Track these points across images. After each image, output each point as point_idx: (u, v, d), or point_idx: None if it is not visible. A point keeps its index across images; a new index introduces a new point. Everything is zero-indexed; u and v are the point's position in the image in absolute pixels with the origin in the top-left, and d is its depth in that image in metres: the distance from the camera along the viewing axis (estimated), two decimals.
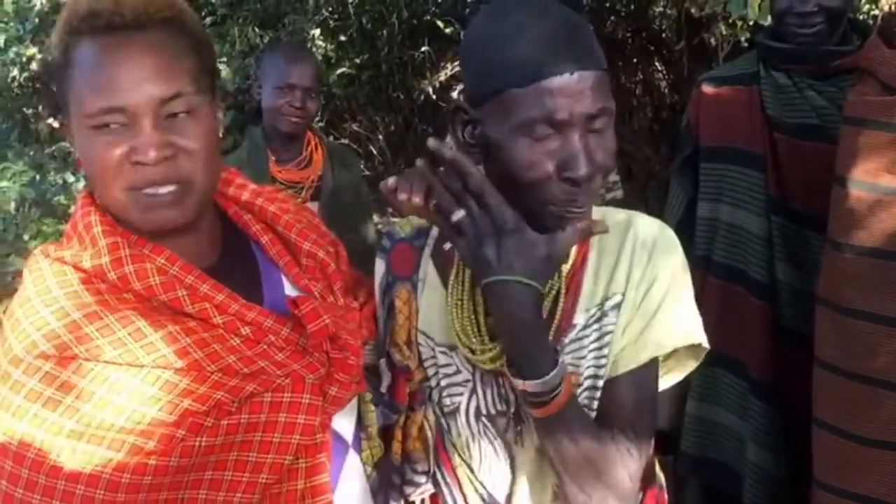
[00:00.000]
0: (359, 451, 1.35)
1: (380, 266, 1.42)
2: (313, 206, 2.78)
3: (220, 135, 1.24)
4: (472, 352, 1.25)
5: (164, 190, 1.11)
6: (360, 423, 1.36)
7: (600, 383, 1.25)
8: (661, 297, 1.25)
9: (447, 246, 1.29)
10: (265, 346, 1.18)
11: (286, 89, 2.75)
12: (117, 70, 1.08)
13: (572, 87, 1.13)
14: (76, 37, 1.10)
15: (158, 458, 1.07)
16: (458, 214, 1.13)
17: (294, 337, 1.20)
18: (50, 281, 1.13)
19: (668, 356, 1.30)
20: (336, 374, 1.23)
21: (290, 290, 1.30)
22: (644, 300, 1.25)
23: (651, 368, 1.27)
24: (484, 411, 1.30)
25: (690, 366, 1.35)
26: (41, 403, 1.05)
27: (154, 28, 1.11)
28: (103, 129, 1.09)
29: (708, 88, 2.48)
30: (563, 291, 1.26)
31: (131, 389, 1.08)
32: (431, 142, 1.14)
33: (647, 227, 1.30)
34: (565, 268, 1.27)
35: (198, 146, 1.13)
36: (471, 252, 1.15)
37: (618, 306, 1.25)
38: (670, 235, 1.30)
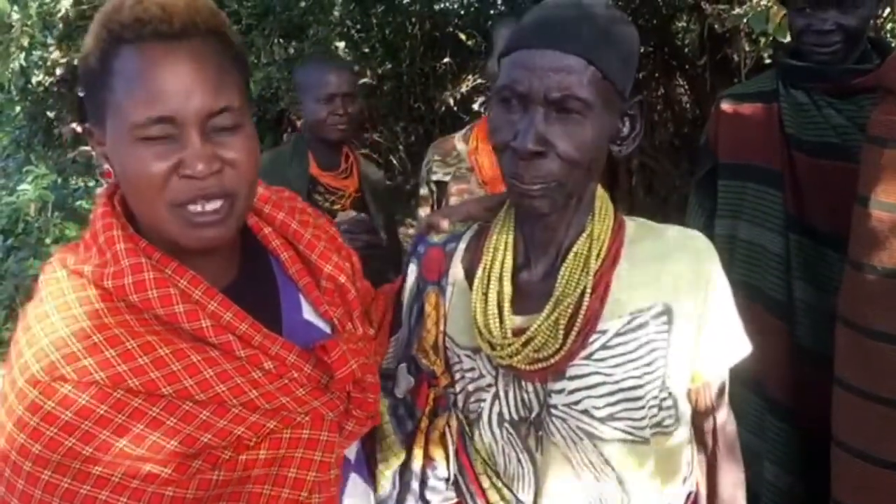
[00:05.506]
0: (360, 471, 1.34)
1: (412, 271, 1.41)
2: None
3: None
4: (493, 347, 1.24)
5: (210, 207, 1.08)
6: (374, 437, 1.36)
7: (641, 392, 1.23)
8: (722, 305, 1.29)
9: None
10: (287, 381, 1.16)
11: (327, 100, 2.81)
12: (166, 79, 1.03)
13: (535, 63, 1.13)
14: (118, 44, 1.05)
15: (175, 489, 1.06)
16: None
17: (317, 374, 1.19)
18: (69, 296, 1.09)
19: None
20: (354, 410, 1.23)
21: (307, 312, 1.28)
22: (707, 310, 1.26)
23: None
24: (507, 417, 1.29)
25: None
26: (58, 427, 1.02)
27: (201, 38, 1.07)
28: (148, 141, 1.04)
29: (727, 105, 2.47)
30: (588, 290, 1.23)
31: (150, 419, 1.06)
32: None
33: (688, 235, 1.31)
34: (594, 265, 1.24)
35: (244, 161, 1.10)
36: None
37: (665, 315, 1.23)
38: (709, 243, 1.31)
